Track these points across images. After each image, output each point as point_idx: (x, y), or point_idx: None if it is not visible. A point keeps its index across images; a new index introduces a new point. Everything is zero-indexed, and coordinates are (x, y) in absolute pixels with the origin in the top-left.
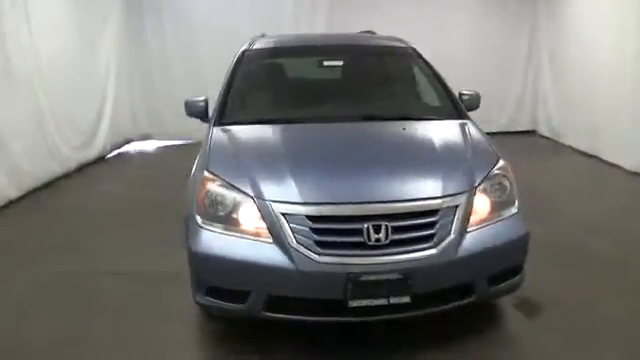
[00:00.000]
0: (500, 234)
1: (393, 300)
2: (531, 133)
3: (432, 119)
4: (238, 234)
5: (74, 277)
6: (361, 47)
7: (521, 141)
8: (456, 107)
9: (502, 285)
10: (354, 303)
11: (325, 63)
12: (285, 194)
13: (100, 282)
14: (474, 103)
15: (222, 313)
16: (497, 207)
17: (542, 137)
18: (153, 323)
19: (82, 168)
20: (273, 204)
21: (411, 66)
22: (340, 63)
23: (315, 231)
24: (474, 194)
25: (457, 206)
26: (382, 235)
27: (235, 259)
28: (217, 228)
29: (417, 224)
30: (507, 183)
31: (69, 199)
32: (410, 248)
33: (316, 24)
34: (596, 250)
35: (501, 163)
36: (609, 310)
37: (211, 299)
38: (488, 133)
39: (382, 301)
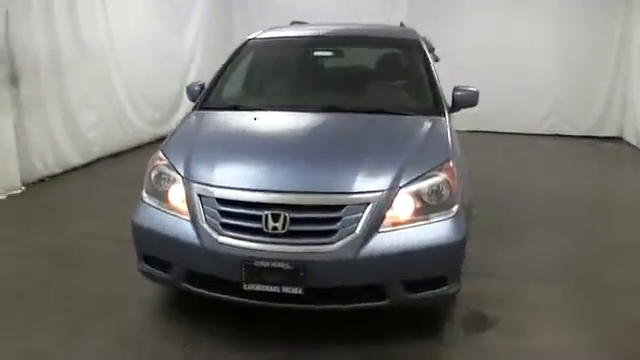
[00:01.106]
0: (421, 238)
1: (285, 290)
2: (617, 140)
3: (403, 114)
4: (167, 210)
5: (84, 238)
6: (363, 39)
7: (604, 148)
8: (436, 104)
9: (424, 293)
10: (249, 286)
11: (316, 54)
12: (204, 176)
13: (103, 246)
14: (469, 100)
15: (156, 281)
16: (425, 210)
17: (629, 145)
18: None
19: (156, 142)
20: (194, 185)
21: (410, 59)
22: (329, 54)
23: (221, 213)
24: (396, 194)
25: (368, 204)
26: (279, 224)
27: (161, 233)
28: (154, 203)
29: (317, 218)
30: (445, 187)
31: (127, 169)
32: (307, 241)
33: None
34: None
35: (447, 165)
36: None
37: (147, 267)
38: (571, 136)
39: (275, 289)
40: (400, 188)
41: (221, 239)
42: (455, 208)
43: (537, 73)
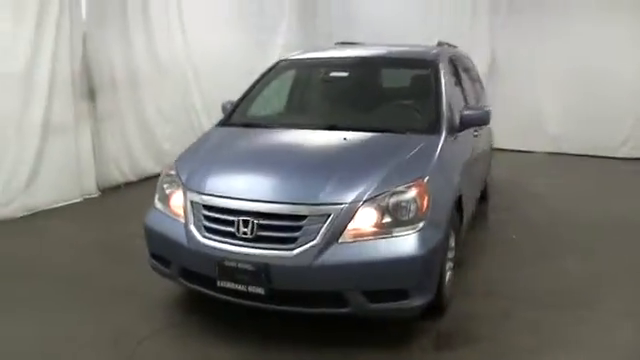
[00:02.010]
0: (380, 251)
1: (250, 289)
2: None
3: (398, 132)
4: (168, 213)
5: (135, 239)
6: (381, 60)
7: None
8: (434, 123)
9: (386, 305)
10: (221, 283)
11: (331, 75)
12: (197, 185)
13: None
14: (477, 120)
15: (162, 275)
16: (389, 224)
17: None
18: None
19: None
20: (189, 192)
21: (422, 79)
22: (344, 74)
23: (205, 217)
24: (358, 208)
25: (328, 215)
26: (248, 229)
27: (163, 233)
28: (160, 207)
29: (281, 225)
30: (413, 203)
31: None
32: (271, 246)
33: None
34: None
35: (419, 183)
36: None
37: (154, 262)
38: None
39: (242, 287)
40: (364, 202)
41: (203, 240)
42: (421, 224)
43: (621, 94)
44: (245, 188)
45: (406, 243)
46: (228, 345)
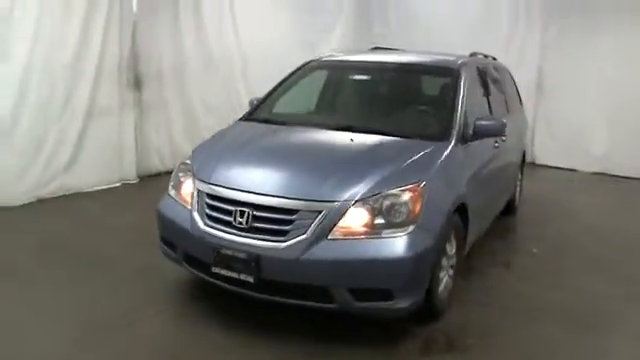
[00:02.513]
0: (368, 250)
1: (242, 276)
2: None
3: (406, 137)
4: (179, 200)
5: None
6: (404, 66)
7: None
8: (445, 130)
9: (370, 304)
10: (216, 269)
11: (355, 78)
12: (205, 174)
13: None
14: (492, 130)
15: (170, 259)
16: (380, 225)
17: None
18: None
19: None
20: (197, 181)
21: (441, 87)
22: (367, 78)
23: (207, 206)
24: (349, 207)
25: (320, 212)
26: (244, 220)
27: (171, 218)
28: (173, 194)
29: (275, 218)
30: (405, 206)
31: None
32: (264, 237)
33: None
34: None
35: (415, 187)
36: None
37: (164, 246)
38: None
39: (235, 275)
40: (356, 202)
41: (203, 227)
42: (411, 227)
43: None
44: (246, 180)
45: (394, 245)
46: (225, 332)
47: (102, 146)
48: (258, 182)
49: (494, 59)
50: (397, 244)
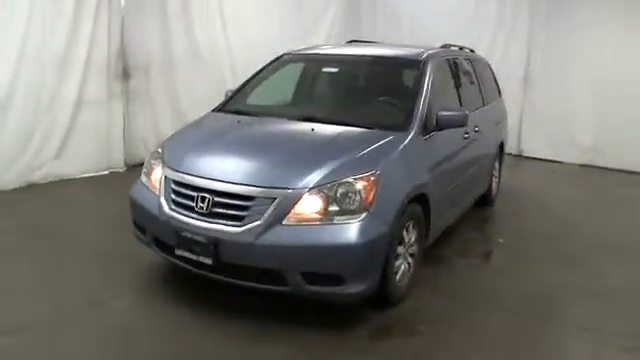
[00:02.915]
0: (319, 236)
1: (201, 259)
2: None
3: (367, 127)
4: (149, 187)
5: None
6: (372, 58)
7: None
8: (406, 121)
9: (322, 288)
10: (178, 251)
11: (324, 70)
12: (172, 162)
13: None
14: (455, 121)
15: (142, 243)
16: (332, 212)
17: None
18: None
19: None
20: (165, 168)
21: (406, 78)
22: (335, 71)
23: (173, 192)
24: (302, 194)
25: (274, 199)
26: (204, 205)
27: (141, 204)
28: (144, 180)
29: (233, 204)
30: (358, 194)
31: None
32: (222, 222)
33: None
34: None
35: (368, 176)
36: None
37: (136, 230)
38: None
39: (195, 257)
40: (310, 189)
41: (168, 212)
42: (364, 215)
43: None
44: (208, 168)
45: (345, 231)
46: (190, 312)
47: (91, 135)
48: (219, 170)
49: (471, 51)
50: (348, 231)
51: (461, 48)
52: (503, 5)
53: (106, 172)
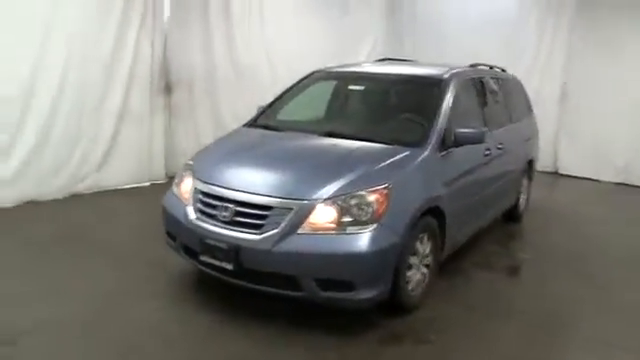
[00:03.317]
0: (331, 245)
1: (224, 264)
2: None
3: (385, 143)
4: (179, 196)
5: None
6: (396, 77)
7: None
8: (423, 138)
9: (335, 294)
10: (202, 257)
11: (350, 88)
12: (201, 173)
13: None
14: (472, 138)
15: (172, 248)
16: (346, 222)
17: None
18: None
19: None
20: (194, 179)
21: (427, 97)
22: (360, 88)
23: (200, 201)
24: (318, 204)
25: (291, 209)
26: (227, 214)
27: (172, 212)
28: (175, 191)
29: (253, 213)
30: (370, 206)
31: None
32: (242, 229)
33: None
34: None
35: (381, 189)
36: None
37: (168, 238)
38: None
39: (217, 262)
40: (325, 200)
41: (194, 220)
42: (374, 226)
43: None
44: (231, 179)
45: (356, 240)
46: (223, 320)
47: (133, 148)
48: (241, 181)
49: (503, 70)
50: (360, 240)
51: (491, 67)
52: (543, 24)
53: (147, 184)
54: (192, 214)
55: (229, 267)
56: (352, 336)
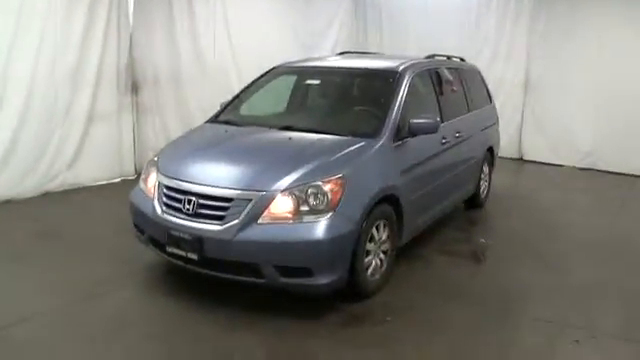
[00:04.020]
0: (289, 233)
1: (189, 255)
2: None
3: (341, 135)
4: (145, 191)
5: None
6: (351, 70)
7: None
8: (377, 129)
9: (294, 280)
10: (169, 248)
11: (307, 82)
12: (164, 168)
13: None
14: (426, 128)
15: (140, 241)
16: (302, 211)
17: None
18: None
19: None
20: (159, 174)
21: (382, 89)
22: (317, 82)
23: (164, 195)
24: (275, 195)
25: (250, 200)
26: (190, 207)
27: (139, 206)
28: (142, 186)
29: (214, 205)
30: (325, 196)
31: None
32: (205, 221)
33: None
34: None
35: (335, 179)
36: None
37: (136, 231)
38: None
39: (182, 252)
40: (282, 191)
41: (160, 214)
42: (330, 214)
43: None
44: (194, 173)
45: (312, 229)
46: (190, 307)
47: (102, 146)
48: (203, 175)
49: (462, 60)
50: (316, 228)
51: (449, 57)
52: (503, 13)
53: (118, 180)
54: (158, 208)
55: (194, 257)
56: (315, 319)
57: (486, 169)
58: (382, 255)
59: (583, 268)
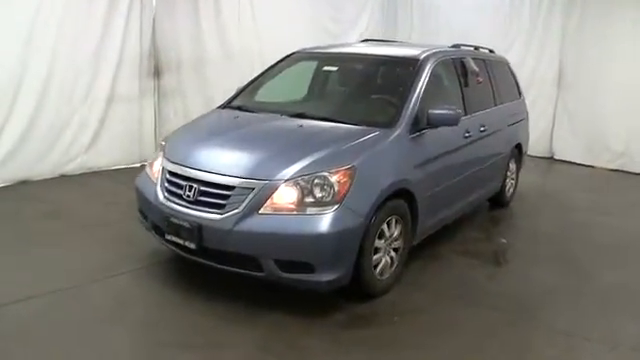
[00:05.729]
0: (290, 225)
1: (187, 243)
2: None
3: (355, 124)
4: (149, 176)
5: None
6: (377, 58)
7: None
8: (394, 118)
9: (295, 275)
10: (168, 236)
11: (325, 69)
12: (170, 154)
13: None
14: (446, 120)
15: (144, 227)
16: (308, 203)
17: None
18: None
19: None
20: (163, 159)
21: (401, 77)
22: (335, 69)
23: (167, 180)
24: (279, 185)
25: (252, 189)
26: (191, 194)
27: (142, 192)
28: (147, 171)
29: (215, 193)
30: (331, 187)
31: None
32: (205, 209)
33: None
34: None
35: (344, 170)
36: None
37: (140, 217)
38: None
39: (181, 241)
40: (286, 181)
41: (162, 200)
42: (335, 207)
43: None
44: (197, 159)
45: (315, 221)
46: (183, 292)
47: (123, 130)
48: (206, 161)
49: (491, 51)
50: (319, 221)
51: (476, 48)
52: (537, 7)
53: (137, 164)
54: (160, 193)
55: (192, 246)
56: (317, 317)
57: (513, 167)
58: (393, 253)
59: (608, 272)
